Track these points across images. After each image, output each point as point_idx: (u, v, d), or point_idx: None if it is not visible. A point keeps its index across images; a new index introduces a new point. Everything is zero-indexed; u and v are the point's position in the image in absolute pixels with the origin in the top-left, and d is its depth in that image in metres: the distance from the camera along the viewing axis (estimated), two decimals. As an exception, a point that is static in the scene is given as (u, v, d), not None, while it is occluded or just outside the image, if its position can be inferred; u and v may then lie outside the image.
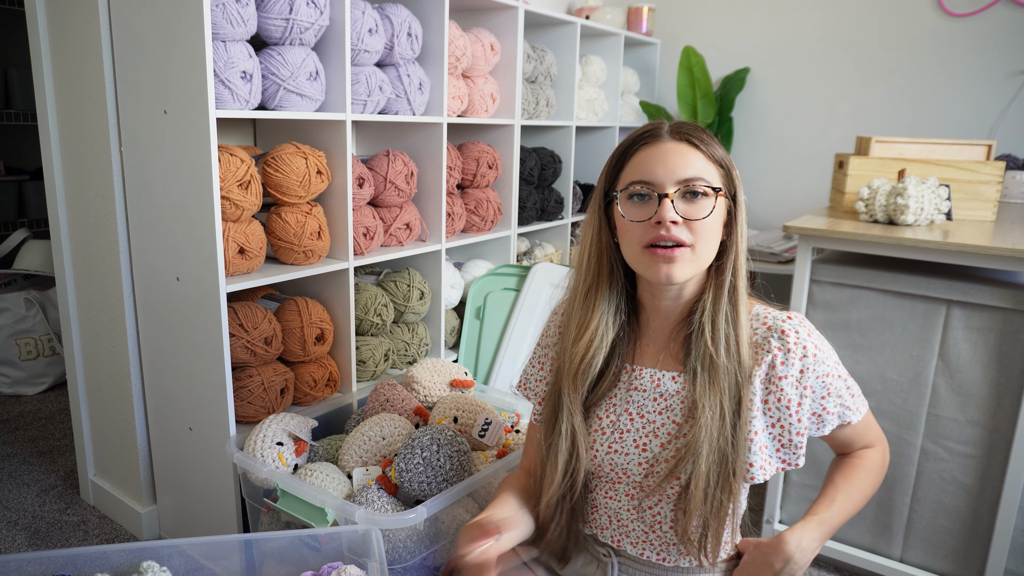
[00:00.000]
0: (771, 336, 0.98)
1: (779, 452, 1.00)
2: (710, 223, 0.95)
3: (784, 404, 0.98)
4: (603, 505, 1.08)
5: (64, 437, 2.43)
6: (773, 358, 0.97)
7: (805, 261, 1.75)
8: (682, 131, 0.97)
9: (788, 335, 0.97)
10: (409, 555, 1.31)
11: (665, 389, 1.02)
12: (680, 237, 0.94)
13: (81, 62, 1.69)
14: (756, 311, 1.01)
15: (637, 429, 1.03)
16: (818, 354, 0.98)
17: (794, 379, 0.97)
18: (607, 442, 1.04)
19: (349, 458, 1.50)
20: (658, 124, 0.99)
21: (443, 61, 1.99)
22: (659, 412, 1.02)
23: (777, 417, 0.99)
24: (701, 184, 0.94)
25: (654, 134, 0.97)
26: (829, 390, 1.00)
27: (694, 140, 0.96)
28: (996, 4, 2.54)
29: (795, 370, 0.97)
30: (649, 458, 1.00)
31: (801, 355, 0.97)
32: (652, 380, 1.03)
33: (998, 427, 1.59)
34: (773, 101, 3.05)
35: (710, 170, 0.96)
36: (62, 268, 1.91)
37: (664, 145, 0.96)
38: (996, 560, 1.61)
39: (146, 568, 1.04)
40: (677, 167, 0.94)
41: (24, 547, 1.83)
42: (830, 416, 1.01)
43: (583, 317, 1.04)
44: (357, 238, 1.86)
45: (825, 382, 0.99)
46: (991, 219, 1.88)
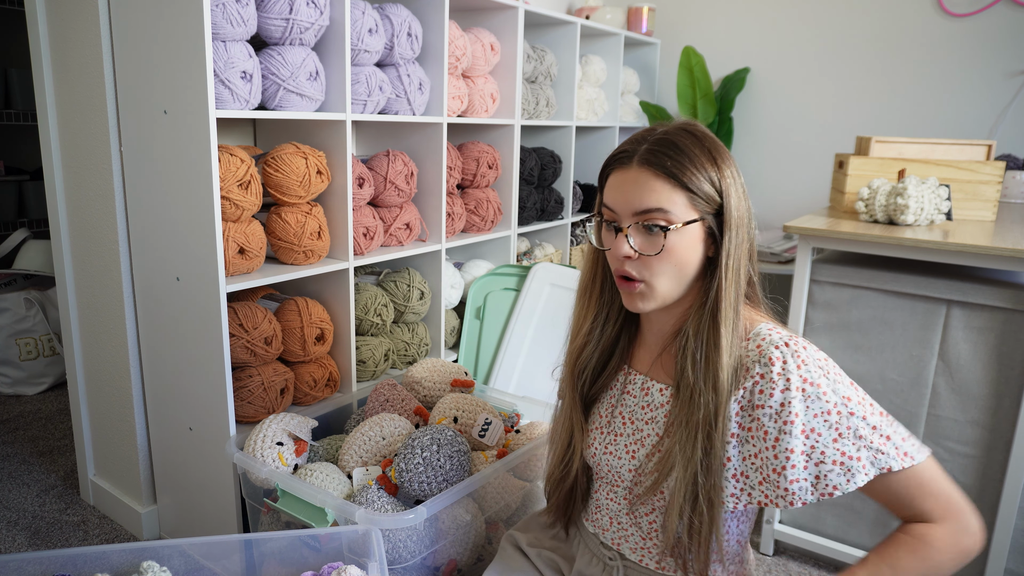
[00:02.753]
0: (758, 361, 0.91)
1: (761, 486, 0.92)
2: (667, 257, 0.91)
3: (761, 436, 0.91)
4: (605, 506, 1.09)
5: (64, 437, 2.43)
6: (754, 385, 0.91)
7: (805, 261, 1.75)
8: (652, 157, 0.90)
9: (774, 364, 0.89)
10: (409, 555, 1.31)
11: (652, 400, 1.01)
12: (631, 272, 0.93)
13: (81, 62, 1.69)
14: (759, 330, 0.94)
15: (628, 435, 1.03)
16: (809, 390, 0.88)
17: (773, 412, 0.89)
18: (604, 442, 1.05)
19: (349, 458, 1.50)
20: (634, 145, 0.93)
21: (443, 61, 1.99)
22: (646, 421, 1.01)
23: (757, 449, 0.91)
24: (658, 217, 0.90)
25: (625, 157, 0.93)
26: (840, 431, 0.88)
27: (662, 167, 0.90)
28: (996, 4, 2.54)
29: (775, 402, 0.89)
30: (636, 466, 1.00)
31: (783, 387, 0.88)
32: (643, 388, 1.03)
33: (998, 427, 1.59)
34: (773, 101, 3.05)
35: (674, 199, 0.90)
36: (62, 268, 1.91)
37: (628, 172, 0.92)
38: (996, 560, 1.61)
39: (146, 568, 1.04)
40: (634, 199, 0.91)
41: (24, 547, 1.83)
42: (857, 463, 0.87)
43: (580, 314, 1.07)
44: (357, 238, 1.86)
45: (829, 420, 0.88)
46: (991, 219, 1.88)
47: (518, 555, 1.18)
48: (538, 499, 1.61)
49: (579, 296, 1.07)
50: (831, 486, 0.88)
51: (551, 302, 2.17)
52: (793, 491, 0.89)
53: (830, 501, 1.82)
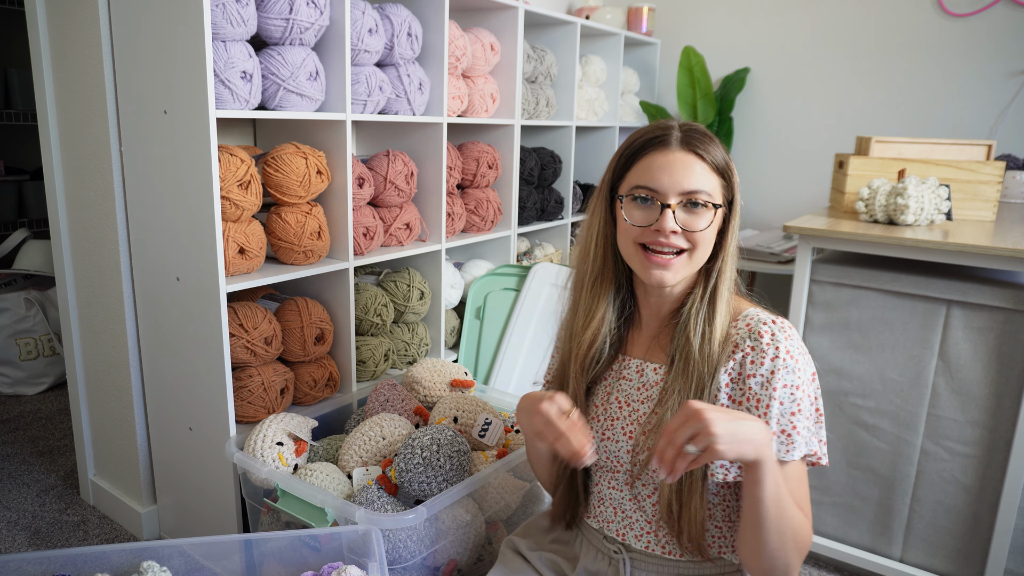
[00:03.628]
0: (748, 336, 0.99)
1: None
2: (707, 233, 1.00)
3: (752, 404, 0.98)
4: (607, 496, 1.10)
5: (64, 437, 2.43)
6: (744, 356, 0.98)
7: (805, 261, 1.75)
8: (690, 142, 0.99)
9: (763, 336, 0.98)
10: (409, 555, 1.31)
11: (647, 379, 1.07)
12: (678, 244, 1.00)
13: (81, 62, 1.69)
14: (748, 312, 1.02)
15: (624, 417, 1.07)
16: (789, 362, 0.97)
17: (763, 379, 0.97)
18: (601, 429, 1.09)
19: (349, 458, 1.50)
20: (667, 129, 1.01)
21: (443, 61, 1.99)
22: (642, 401, 1.06)
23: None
24: (703, 197, 0.98)
25: (663, 141, 1.00)
26: (800, 406, 0.97)
27: (700, 151, 0.99)
28: (996, 4, 2.54)
29: (765, 370, 0.97)
30: (634, 446, 1.05)
31: (772, 355, 0.96)
32: (638, 370, 1.08)
33: (998, 427, 1.59)
34: (773, 101, 3.05)
35: (712, 182, 1.00)
36: (62, 268, 1.91)
37: (672, 155, 0.99)
38: (996, 560, 1.61)
39: (146, 568, 1.04)
40: (682, 179, 0.98)
41: (24, 547, 1.83)
42: (799, 439, 0.96)
43: (590, 305, 1.09)
44: (357, 238, 1.85)
45: (795, 395, 0.97)
46: (991, 219, 1.88)
47: (518, 559, 1.18)
48: (538, 499, 1.62)
49: (588, 287, 1.10)
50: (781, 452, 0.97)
51: (551, 302, 2.17)
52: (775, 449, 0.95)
53: (824, 499, 1.82)
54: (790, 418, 0.96)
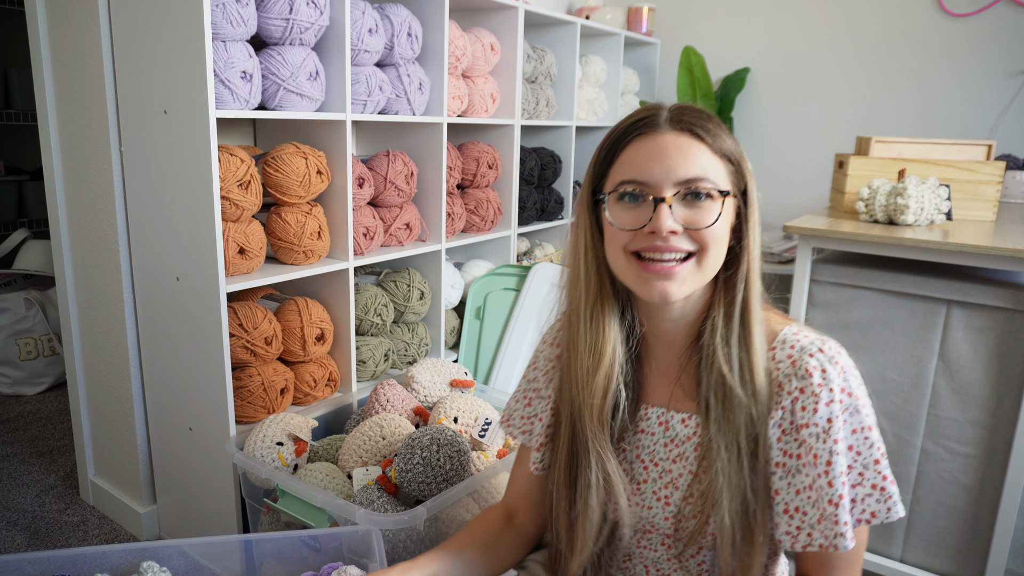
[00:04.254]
0: (794, 375, 0.80)
1: (821, 524, 0.78)
2: (717, 229, 0.79)
3: (811, 461, 0.78)
4: (637, 555, 0.94)
5: (64, 437, 2.43)
6: (793, 402, 0.79)
7: (805, 261, 1.75)
8: (684, 119, 0.80)
9: (812, 375, 0.79)
10: (409, 555, 1.31)
11: (675, 433, 0.88)
12: (681, 247, 0.79)
13: (81, 62, 1.69)
14: (784, 335, 0.83)
15: (654, 479, 0.89)
16: (846, 400, 0.78)
17: (820, 430, 0.78)
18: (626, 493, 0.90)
19: (349, 458, 1.50)
20: (655, 109, 0.82)
21: (443, 61, 1.99)
22: (673, 460, 0.87)
23: (811, 479, 0.79)
24: (706, 185, 0.78)
25: (650, 123, 0.80)
26: (881, 451, 0.79)
27: (697, 130, 0.79)
28: (996, 4, 2.54)
29: (820, 419, 0.78)
30: (674, 512, 0.87)
31: (827, 399, 0.78)
32: (660, 422, 0.89)
33: (998, 427, 1.59)
34: (773, 101, 3.05)
35: (717, 167, 0.80)
36: (62, 268, 1.91)
37: (662, 137, 0.79)
38: (996, 560, 1.61)
39: (146, 568, 1.04)
40: (676, 165, 0.78)
41: (24, 547, 1.83)
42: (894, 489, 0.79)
43: (594, 341, 0.87)
44: (357, 238, 1.85)
45: (869, 439, 0.79)
46: (991, 219, 1.88)
47: None
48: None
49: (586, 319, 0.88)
50: (869, 511, 0.78)
51: (551, 302, 2.17)
52: (846, 520, 0.77)
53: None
54: (875, 468, 0.78)
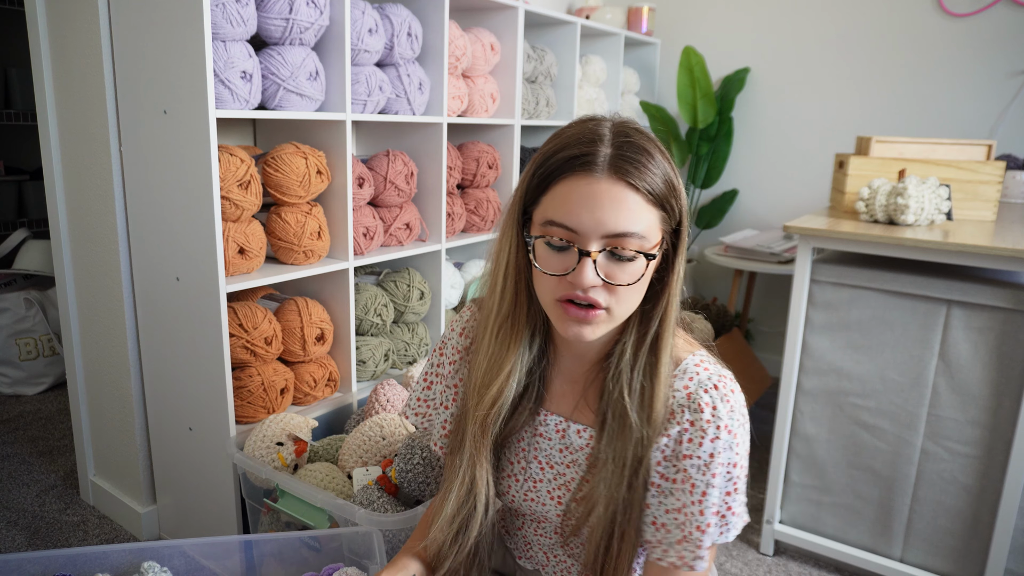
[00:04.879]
0: (687, 407, 0.83)
1: (680, 545, 0.84)
2: (636, 287, 0.80)
3: (687, 489, 0.83)
4: (535, 542, 1.02)
5: (64, 437, 2.43)
6: (681, 432, 0.83)
7: (805, 261, 1.75)
8: (621, 164, 0.76)
9: (703, 410, 0.81)
10: (409, 555, 1.30)
11: (570, 442, 0.91)
12: (597, 300, 0.79)
13: (81, 62, 1.69)
14: (686, 366, 0.85)
15: (549, 480, 0.93)
16: (726, 438, 0.82)
17: (701, 463, 0.82)
18: (522, 490, 0.95)
19: (349, 458, 1.50)
20: (595, 144, 0.78)
21: (443, 61, 1.99)
22: (567, 465, 0.92)
23: (681, 503, 0.83)
24: (632, 244, 0.77)
25: (588, 162, 0.77)
26: (738, 485, 0.84)
27: (633, 179, 0.76)
28: (996, 4, 2.54)
29: (703, 452, 0.82)
30: (564, 510, 0.93)
31: (712, 436, 0.81)
32: (557, 430, 0.92)
33: (998, 427, 1.59)
34: (773, 101, 3.05)
35: (647, 220, 0.77)
36: (62, 268, 1.91)
37: (597, 184, 0.76)
38: (996, 560, 1.61)
39: (146, 568, 1.04)
40: (606, 218, 0.76)
41: (24, 547, 1.83)
42: (736, 520, 0.85)
43: (496, 355, 0.89)
44: (357, 238, 1.85)
45: (732, 474, 0.83)
46: (991, 219, 1.88)
47: None
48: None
49: (494, 331, 0.89)
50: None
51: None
52: (708, 546, 0.84)
53: (824, 499, 1.82)
54: (725, 499, 0.83)
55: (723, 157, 3.11)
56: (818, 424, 1.81)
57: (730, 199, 3.16)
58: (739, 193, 3.18)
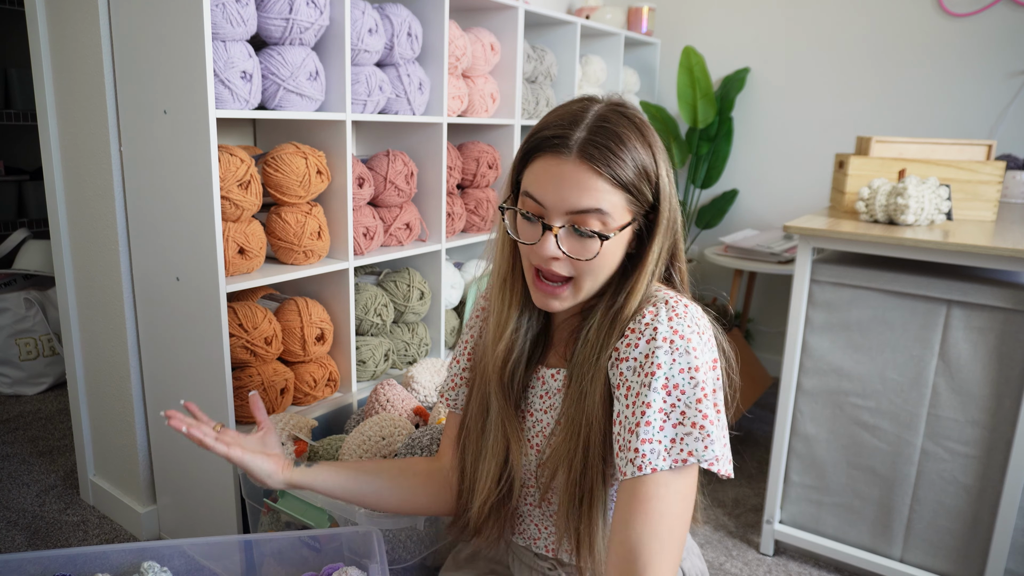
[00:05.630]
0: (633, 318, 0.84)
1: (620, 455, 0.81)
2: (597, 262, 0.84)
3: (623, 393, 0.81)
4: (527, 514, 1.02)
5: (64, 437, 2.43)
6: (622, 341, 0.84)
7: (805, 261, 1.75)
8: (588, 150, 0.80)
9: (644, 316, 0.82)
10: (409, 555, 1.31)
11: (549, 387, 0.95)
12: (559, 273, 0.85)
13: (81, 62, 1.69)
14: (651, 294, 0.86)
15: (529, 428, 0.96)
16: (675, 341, 0.79)
17: (636, 364, 0.81)
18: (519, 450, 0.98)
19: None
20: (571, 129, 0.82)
21: (443, 61, 1.99)
22: (544, 411, 0.95)
23: (618, 409, 0.82)
24: (594, 220, 0.81)
25: (561, 143, 0.81)
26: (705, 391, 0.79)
27: (598, 163, 0.80)
28: (996, 4, 2.54)
29: (639, 353, 0.81)
30: (541, 459, 0.94)
31: (649, 337, 0.81)
32: (538, 377, 0.96)
33: (998, 427, 1.59)
34: (773, 101, 3.05)
35: (610, 202, 0.81)
36: (62, 268, 1.91)
37: (565, 164, 0.81)
38: (996, 560, 1.61)
39: (146, 568, 1.04)
40: (569, 196, 0.81)
41: (24, 547, 1.83)
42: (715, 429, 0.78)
43: (500, 313, 0.95)
44: (357, 238, 1.85)
45: (695, 379, 0.79)
46: (991, 219, 1.88)
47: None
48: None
49: (498, 288, 0.95)
50: (687, 451, 0.78)
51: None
52: (644, 453, 0.78)
53: (824, 499, 1.82)
54: (696, 407, 0.78)
55: (723, 157, 3.11)
56: (818, 424, 1.81)
57: (730, 199, 3.16)
58: (739, 193, 3.18)
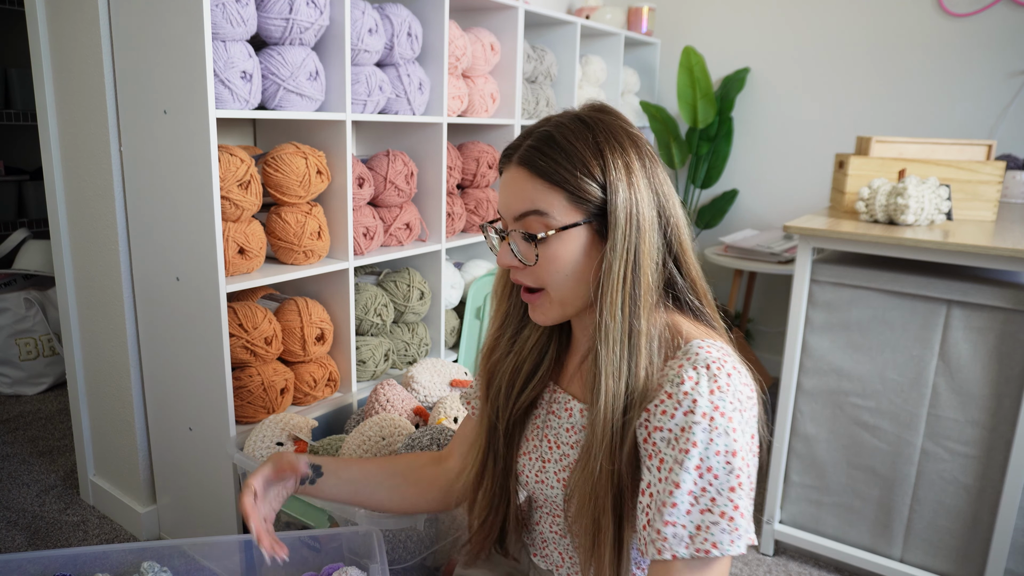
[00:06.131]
0: (672, 380, 0.77)
1: (645, 530, 0.76)
2: (548, 266, 0.81)
3: (656, 465, 0.76)
4: (550, 539, 0.99)
5: (64, 437, 2.43)
6: (656, 406, 0.77)
7: (805, 261, 1.75)
8: (528, 154, 0.81)
9: (684, 383, 0.75)
10: (409, 555, 1.31)
11: (575, 421, 0.91)
12: (524, 282, 0.85)
13: (81, 62, 1.69)
14: (691, 348, 0.78)
15: (556, 460, 0.92)
16: (716, 419, 0.73)
17: (671, 436, 0.75)
18: (533, 470, 0.95)
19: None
20: (522, 140, 0.84)
21: (443, 61, 1.99)
22: (571, 445, 0.91)
23: (648, 481, 0.77)
24: (534, 222, 0.81)
25: (509, 155, 0.84)
26: (740, 480, 0.73)
27: (529, 165, 0.81)
28: (996, 4, 2.54)
29: (674, 424, 0.75)
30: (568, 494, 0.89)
31: (687, 409, 0.74)
32: (566, 408, 0.93)
33: (998, 427, 1.59)
34: (773, 101, 3.05)
35: (547, 201, 0.80)
36: (62, 268, 1.91)
37: (508, 172, 0.84)
38: (996, 560, 1.61)
39: (146, 568, 1.04)
40: (511, 203, 0.83)
41: (24, 547, 1.83)
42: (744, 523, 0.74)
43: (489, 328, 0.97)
44: (357, 238, 1.85)
45: (731, 464, 0.73)
46: (991, 219, 1.88)
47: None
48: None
49: (494, 309, 0.97)
50: (711, 542, 0.73)
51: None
52: (666, 536, 0.73)
53: (824, 499, 1.82)
54: (728, 495, 0.73)
55: (723, 157, 3.11)
56: (818, 424, 1.81)
57: (730, 199, 3.16)
58: (739, 193, 3.18)
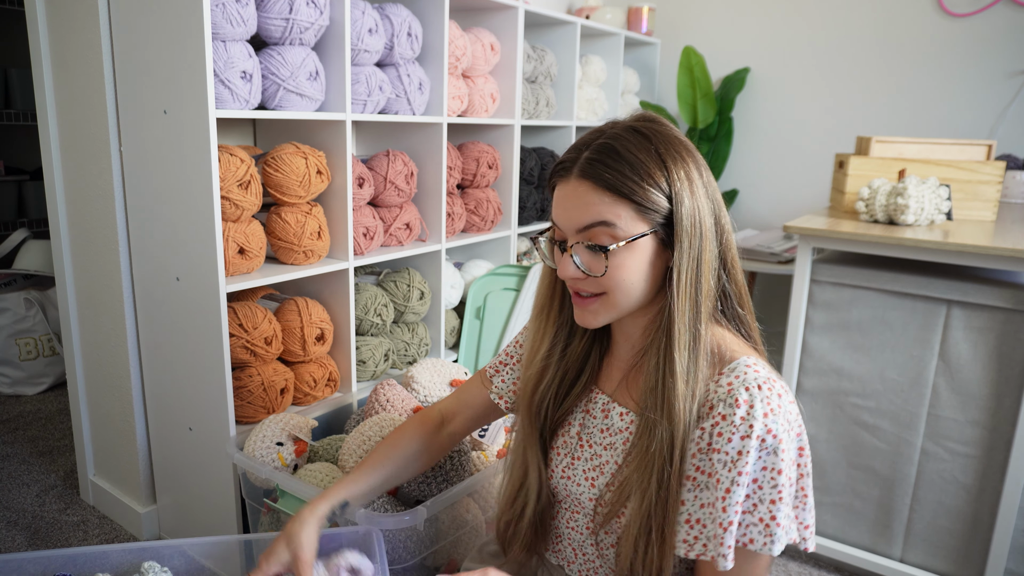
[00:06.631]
0: (724, 401, 0.82)
1: (715, 540, 0.82)
2: (615, 276, 0.84)
3: (714, 483, 0.82)
4: (566, 535, 1.02)
5: (64, 437, 2.43)
6: (713, 426, 0.82)
7: (805, 261, 1.75)
8: (591, 167, 0.83)
9: (739, 407, 0.80)
10: (409, 555, 1.31)
11: (612, 424, 0.94)
12: (586, 289, 0.87)
13: (81, 62, 1.69)
14: (737, 365, 0.85)
15: (586, 459, 0.96)
16: (767, 440, 0.80)
17: (728, 459, 0.80)
18: (561, 465, 0.98)
19: (349, 458, 1.50)
20: (576, 152, 0.86)
21: (443, 61, 1.99)
22: (604, 447, 0.94)
23: (713, 499, 0.82)
24: (602, 233, 0.83)
25: (564, 169, 0.86)
26: (782, 495, 0.80)
27: (594, 178, 0.83)
28: (996, 4, 2.54)
29: (732, 448, 0.80)
30: (596, 494, 0.94)
31: (743, 434, 0.79)
32: (603, 410, 0.96)
33: (998, 427, 1.59)
34: (773, 101, 3.05)
35: (619, 212, 0.82)
36: (62, 268, 1.91)
37: (569, 184, 0.85)
38: (996, 560, 1.61)
39: (147, 568, 1.04)
40: (574, 215, 0.84)
41: (24, 547, 1.83)
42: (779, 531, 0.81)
43: (535, 340, 0.98)
44: (357, 238, 1.85)
45: (776, 481, 0.80)
46: (991, 219, 1.88)
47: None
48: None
49: (534, 316, 0.99)
50: (748, 537, 0.81)
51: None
52: (729, 544, 0.81)
53: (824, 499, 1.82)
54: (769, 506, 0.81)
55: (723, 157, 3.11)
56: (818, 424, 1.81)
57: (730, 199, 3.16)
58: (739, 193, 3.18)
